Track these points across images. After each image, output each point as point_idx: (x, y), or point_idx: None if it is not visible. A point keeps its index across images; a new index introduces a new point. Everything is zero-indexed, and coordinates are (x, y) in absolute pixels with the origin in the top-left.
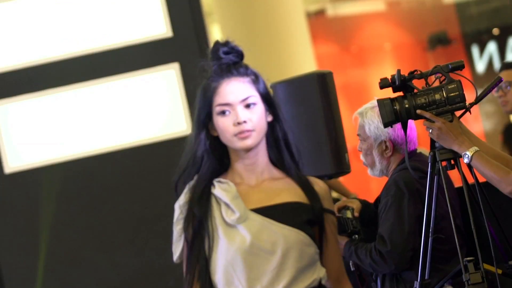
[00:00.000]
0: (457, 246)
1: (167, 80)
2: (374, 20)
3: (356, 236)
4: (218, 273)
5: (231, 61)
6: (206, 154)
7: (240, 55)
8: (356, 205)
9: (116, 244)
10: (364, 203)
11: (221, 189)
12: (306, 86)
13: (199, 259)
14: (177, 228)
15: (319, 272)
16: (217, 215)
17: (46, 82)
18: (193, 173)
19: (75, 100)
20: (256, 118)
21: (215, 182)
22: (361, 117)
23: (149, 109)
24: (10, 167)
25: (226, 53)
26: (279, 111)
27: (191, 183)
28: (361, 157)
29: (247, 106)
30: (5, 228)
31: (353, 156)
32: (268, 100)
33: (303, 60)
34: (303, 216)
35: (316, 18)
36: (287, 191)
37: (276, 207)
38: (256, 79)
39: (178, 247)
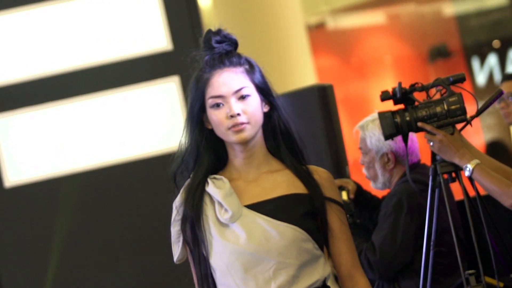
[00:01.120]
0: (459, 259)
1: (167, 93)
2: (375, 33)
3: (350, 218)
4: (217, 273)
5: (224, 50)
6: (202, 148)
7: (233, 43)
8: (351, 186)
9: (118, 258)
10: (357, 185)
11: (214, 187)
12: (306, 99)
13: (200, 261)
14: (175, 229)
15: (323, 272)
16: (211, 214)
17: (46, 96)
18: (190, 167)
19: (75, 114)
20: (250, 109)
21: (209, 179)
22: (362, 130)
23: (149, 122)
24: (10, 181)
25: (218, 42)
26: (276, 100)
27: (187, 182)
28: (364, 170)
29: (241, 97)
30: (4, 242)
31: (354, 169)
32: (263, 89)
33: (303, 72)
34: (300, 209)
35: (316, 30)
36: (285, 184)
37: (271, 201)
38: (250, 69)
39: (177, 248)
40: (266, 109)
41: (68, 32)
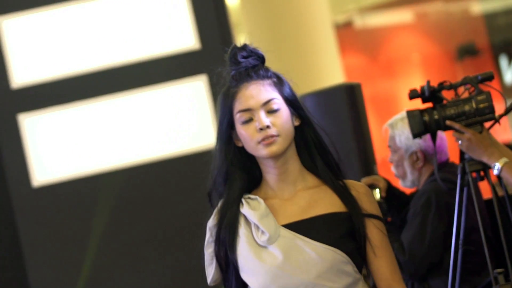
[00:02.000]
0: (487, 258)
1: (195, 92)
2: (402, 31)
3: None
4: None
5: (250, 64)
6: (231, 167)
7: (260, 57)
8: (382, 184)
9: (144, 258)
10: (387, 181)
11: (249, 208)
12: (334, 98)
13: (233, 283)
14: (208, 251)
15: None
16: (246, 235)
17: (74, 95)
18: (221, 186)
19: (103, 113)
20: (280, 122)
21: (243, 199)
22: (392, 129)
23: (177, 121)
24: (38, 181)
25: (245, 57)
26: (307, 113)
27: (220, 203)
28: (392, 169)
29: (270, 111)
30: (32, 240)
31: (382, 167)
32: (293, 103)
33: (331, 71)
34: (340, 229)
35: (344, 29)
36: (322, 201)
37: (310, 221)
38: (278, 81)
39: (210, 271)
40: (297, 122)
41: (97, 31)
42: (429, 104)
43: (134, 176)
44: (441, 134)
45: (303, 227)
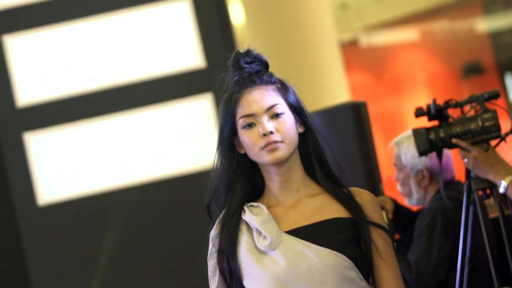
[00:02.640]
0: (493, 276)
1: (201, 110)
2: (408, 50)
3: None
4: None
5: (253, 70)
6: (234, 175)
7: (264, 63)
8: (389, 205)
9: (153, 277)
10: (394, 201)
11: (251, 214)
12: (340, 116)
13: None
14: (212, 262)
15: None
16: (249, 242)
17: (79, 114)
18: (223, 196)
19: (109, 132)
20: (284, 128)
21: (246, 207)
22: (397, 147)
23: (183, 140)
24: (43, 199)
25: (248, 63)
26: (311, 122)
27: (222, 213)
28: (398, 187)
29: (274, 116)
30: (38, 260)
31: (388, 185)
32: (297, 109)
33: (337, 89)
34: (343, 234)
35: (349, 47)
36: (326, 208)
37: (313, 226)
38: (282, 87)
39: (214, 282)
40: (301, 129)
41: (102, 50)
42: (435, 122)
43: (140, 195)
44: (447, 152)
45: (306, 233)
